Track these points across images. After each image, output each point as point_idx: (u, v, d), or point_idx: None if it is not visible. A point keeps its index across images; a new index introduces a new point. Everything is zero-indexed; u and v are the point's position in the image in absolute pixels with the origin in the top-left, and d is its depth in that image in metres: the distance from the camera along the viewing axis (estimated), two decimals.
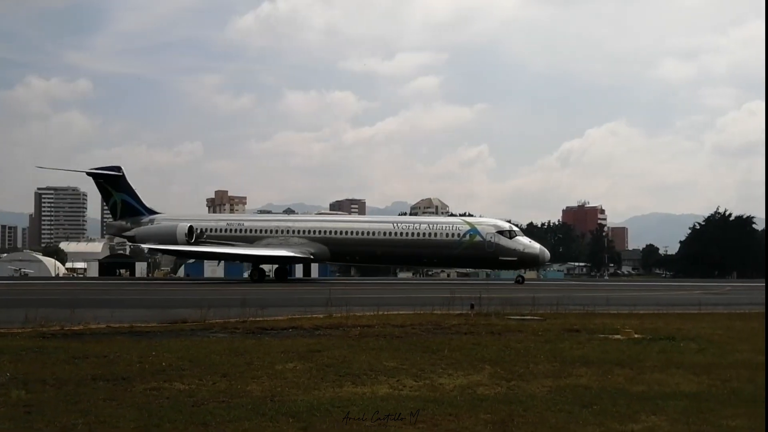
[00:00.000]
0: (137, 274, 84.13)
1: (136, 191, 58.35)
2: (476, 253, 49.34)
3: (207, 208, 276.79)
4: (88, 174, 59.60)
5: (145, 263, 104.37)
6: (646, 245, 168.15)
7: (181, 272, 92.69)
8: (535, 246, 49.79)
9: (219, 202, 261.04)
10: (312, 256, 52.18)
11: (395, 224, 51.82)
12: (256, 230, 53.89)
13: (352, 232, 52.13)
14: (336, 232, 52.26)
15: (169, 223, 54.25)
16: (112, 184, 57.37)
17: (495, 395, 8.86)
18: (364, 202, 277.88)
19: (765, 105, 11.26)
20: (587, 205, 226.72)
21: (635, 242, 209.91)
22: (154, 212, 58.43)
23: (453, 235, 49.61)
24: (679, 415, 7.92)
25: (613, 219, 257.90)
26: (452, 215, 53.50)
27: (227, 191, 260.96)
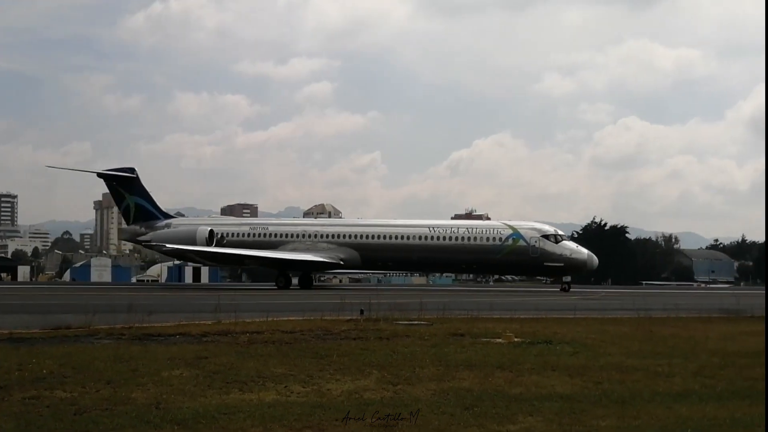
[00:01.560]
0: (20, 278, 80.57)
1: (150, 194, 54.70)
2: (519, 259, 46.64)
3: (95, 210, 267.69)
4: (100, 176, 55.81)
5: (29, 267, 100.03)
6: None
7: (66, 277, 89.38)
8: (583, 251, 46.95)
9: (107, 204, 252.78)
10: (342, 262, 49.08)
11: (432, 228, 48.65)
12: (280, 235, 50.83)
13: (385, 237, 49.03)
14: (368, 237, 49.15)
15: (188, 227, 50.89)
16: (125, 186, 53.91)
17: (381, 399, 8.94)
18: (257, 207, 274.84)
19: (765, 107, 11.67)
20: (474, 213, 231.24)
21: None
22: (170, 216, 55.20)
23: (494, 239, 46.78)
24: (554, 416, 8.20)
25: None
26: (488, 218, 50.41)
27: None
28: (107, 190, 57.31)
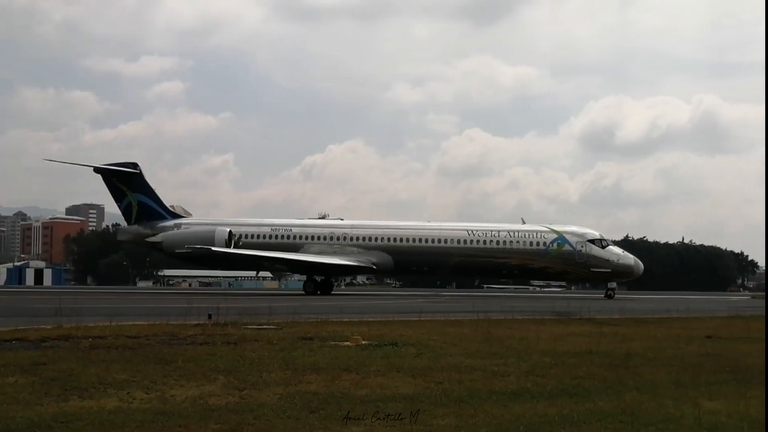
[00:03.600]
0: None
1: (155, 191, 49.62)
2: (565, 264, 45.19)
3: None
4: (97, 170, 49.81)
5: None
6: None
7: None
8: (630, 257, 45.82)
9: None
10: (374, 266, 46.28)
11: (470, 231, 46.27)
12: (305, 237, 47.04)
13: (420, 240, 46.37)
14: (402, 240, 46.40)
15: (204, 228, 46.64)
16: (127, 182, 48.67)
17: (226, 405, 8.75)
18: (104, 207, 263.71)
19: (765, 105, 11.80)
20: (327, 218, 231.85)
21: None
22: (177, 215, 49.88)
23: (538, 243, 45.18)
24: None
25: None
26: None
27: None
28: None
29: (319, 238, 47.29)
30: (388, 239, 46.68)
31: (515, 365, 12.28)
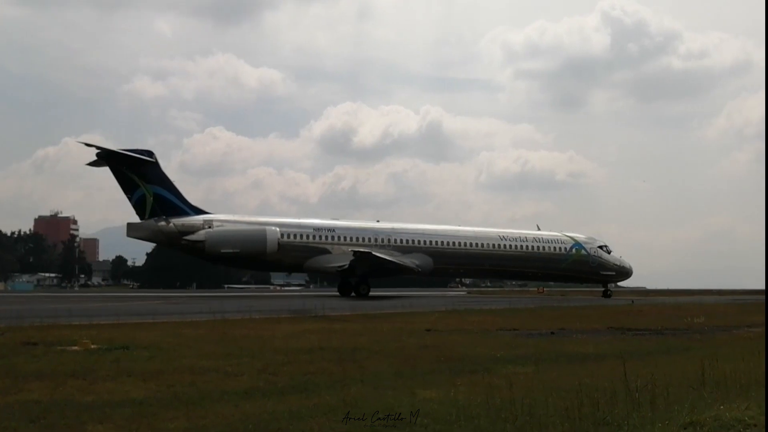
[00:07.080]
0: None
1: (174, 183, 41.97)
2: (581, 268, 48.69)
3: None
4: (102, 155, 41.42)
5: None
6: (117, 257, 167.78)
7: None
8: (626, 261, 50.53)
9: None
10: (418, 268, 45.24)
11: (502, 236, 47.58)
12: (349, 238, 45.12)
13: (459, 243, 46.73)
14: (443, 243, 46.47)
15: (249, 227, 42.64)
16: (140, 172, 41.36)
17: None
18: None
19: (765, 105, 11.91)
20: (60, 215, 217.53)
21: (106, 254, 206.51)
22: (202, 211, 42.63)
23: (561, 249, 48.26)
24: (125, 422, 7.99)
25: (85, 230, 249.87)
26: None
27: None
28: None
29: (363, 239, 46.84)
30: (430, 242, 47.49)
31: (249, 364, 12.30)
